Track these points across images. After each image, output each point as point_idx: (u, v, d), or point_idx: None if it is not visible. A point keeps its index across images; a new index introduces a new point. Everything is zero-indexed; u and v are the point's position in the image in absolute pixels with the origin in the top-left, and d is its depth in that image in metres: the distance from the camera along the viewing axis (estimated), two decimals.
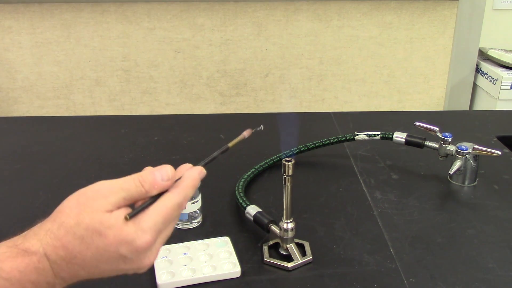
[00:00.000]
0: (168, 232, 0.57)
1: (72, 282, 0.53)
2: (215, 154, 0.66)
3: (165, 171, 0.57)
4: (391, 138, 1.05)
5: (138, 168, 1.14)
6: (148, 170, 0.57)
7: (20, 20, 2.27)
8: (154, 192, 0.56)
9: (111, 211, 0.53)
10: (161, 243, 0.56)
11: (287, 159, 0.73)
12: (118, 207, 0.54)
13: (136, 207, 0.55)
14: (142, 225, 0.53)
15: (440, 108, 2.52)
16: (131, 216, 0.53)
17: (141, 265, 0.54)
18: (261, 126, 0.70)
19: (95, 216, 0.52)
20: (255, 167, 1.02)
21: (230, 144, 0.68)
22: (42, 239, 0.52)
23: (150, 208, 0.55)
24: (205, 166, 0.63)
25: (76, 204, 0.53)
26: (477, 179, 1.02)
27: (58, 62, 2.35)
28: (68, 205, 0.54)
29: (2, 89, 2.39)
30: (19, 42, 2.30)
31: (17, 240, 0.52)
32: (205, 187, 0.89)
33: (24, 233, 0.53)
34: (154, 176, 0.56)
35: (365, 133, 1.08)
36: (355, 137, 1.08)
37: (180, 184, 0.58)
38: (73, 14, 2.26)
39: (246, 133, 0.70)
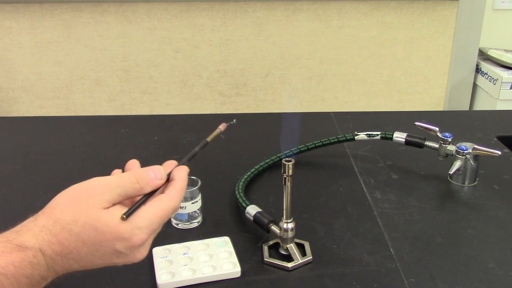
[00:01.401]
0: (159, 229, 0.59)
1: (63, 274, 0.55)
2: (196, 149, 0.67)
3: (158, 170, 0.59)
4: (391, 138, 1.05)
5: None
6: (141, 168, 0.59)
7: (20, 20, 2.27)
8: (148, 189, 0.57)
9: (107, 208, 0.54)
10: (152, 238, 0.58)
11: (287, 159, 0.73)
12: (113, 204, 0.55)
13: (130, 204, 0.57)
14: (138, 224, 0.55)
15: (440, 108, 2.52)
16: (127, 216, 0.54)
17: (134, 259, 0.57)
18: (234, 120, 0.71)
19: (92, 214, 0.53)
20: (255, 167, 1.02)
21: (208, 139, 0.69)
22: (37, 234, 0.52)
23: (147, 207, 0.56)
24: (188, 162, 0.65)
25: (70, 201, 0.54)
26: (477, 179, 1.02)
27: (58, 62, 2.35)
28: (62, 201, 0.54)
29: (2, 89, 2.39)
30: (19, 42, 2.30)
31: (10, 236, 0.53)
32: (205, 187, 0.89)
33: (16, 229, 0.54)
34: (149, 174, 0.58)
35: (365, 133, 1.08)
36: (355, 137, 1.08)
37: (176, 187, 0.59)
38: (73, 14, 2.26)
39: (221, 127, 0.71)
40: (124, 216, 0.54)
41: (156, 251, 0.78)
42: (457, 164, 0.98)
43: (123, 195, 0.56)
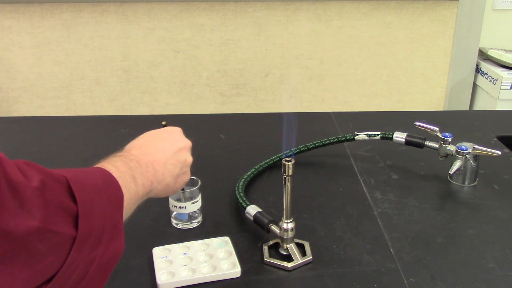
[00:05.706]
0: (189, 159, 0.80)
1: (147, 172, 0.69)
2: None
3: None
4: (391, 138, 1.05)
5: None
6: None
7: (20, 20, 2.26)
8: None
9: None
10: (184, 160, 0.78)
11: (287, 159, 0.73)
12: None
13: None
14: None
15: (440, 108, 2.52)
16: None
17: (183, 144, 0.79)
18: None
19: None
20: (255, 167, 1.02)
21: None
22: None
23: None
24: None
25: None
26: (477, 179, 1.02)
27: (58, 62, 2.35)
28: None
29: (2, 89, 2.39)
30: (19, 42, 2.30)
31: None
32: (205, 187, 0.89)
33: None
34: None
35: (365, 133, 1.08)
36: (355, 137, 1.08)
37: None
38: (73, 14, 2.26)
39: None
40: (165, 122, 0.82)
41: (156, 251, 0.78)
42: (457, 164, 0.98)
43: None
